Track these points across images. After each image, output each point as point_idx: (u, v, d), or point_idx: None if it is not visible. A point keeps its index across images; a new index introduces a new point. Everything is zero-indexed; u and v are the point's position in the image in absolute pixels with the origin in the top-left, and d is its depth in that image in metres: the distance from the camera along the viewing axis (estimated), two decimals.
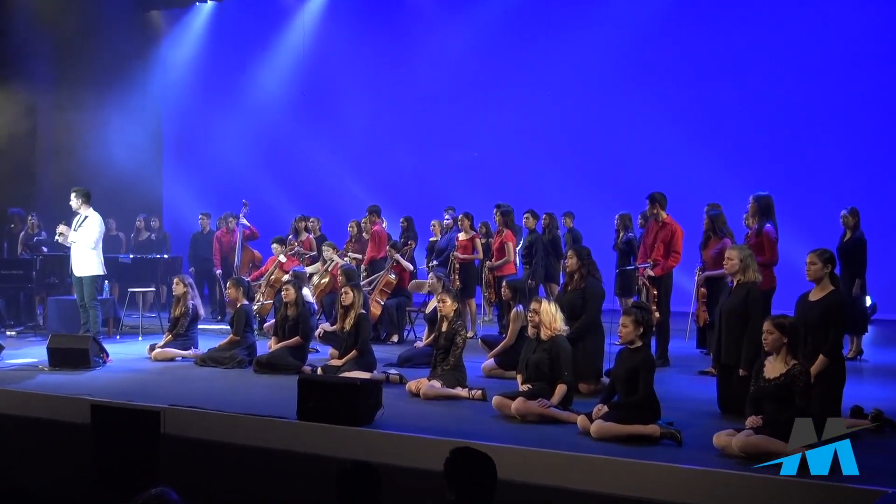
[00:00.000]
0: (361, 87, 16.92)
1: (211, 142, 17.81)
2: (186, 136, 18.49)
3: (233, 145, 17.46)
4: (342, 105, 17.06)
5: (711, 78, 14.47)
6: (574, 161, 15.28)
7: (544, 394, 6.63)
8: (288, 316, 9.12)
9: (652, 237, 9.15)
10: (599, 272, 8.01)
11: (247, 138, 17.44)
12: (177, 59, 18.07)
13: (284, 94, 17.34)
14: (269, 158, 17.50)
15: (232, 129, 17.48)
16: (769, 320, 5.67)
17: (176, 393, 7.55)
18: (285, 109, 17.37)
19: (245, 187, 16.02)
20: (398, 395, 7.48)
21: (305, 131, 17.33)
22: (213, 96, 17.84)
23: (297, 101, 17.36)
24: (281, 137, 17.45)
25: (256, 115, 17.37)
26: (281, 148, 17.49)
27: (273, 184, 17.08)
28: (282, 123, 17.40)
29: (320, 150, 17.10)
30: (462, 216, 11.63)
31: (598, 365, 7.80)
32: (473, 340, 10.32)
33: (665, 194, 9.21)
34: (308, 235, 12.77)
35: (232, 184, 16.87)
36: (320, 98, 17.31)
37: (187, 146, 18.48)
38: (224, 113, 17.62)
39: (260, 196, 16.01)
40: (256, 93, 17.45)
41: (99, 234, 10.22)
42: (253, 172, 17.16)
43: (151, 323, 12.38)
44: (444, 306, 7.76)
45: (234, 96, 17.61)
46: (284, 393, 7.36)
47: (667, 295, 9.03)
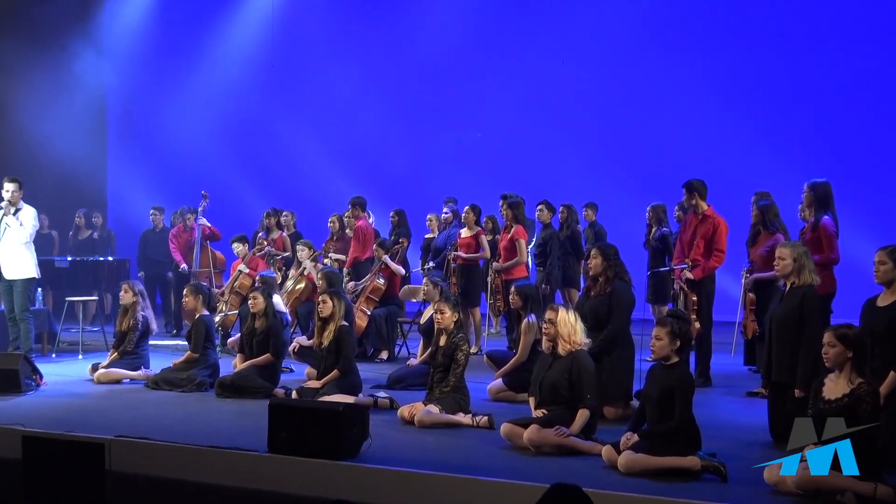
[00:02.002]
0: (343, 56, 16.92)
1: (164, 122, 17.79)
2: (135, 114, 18.48)
3: (190, 126, 17.43)
4: (320, 77, 17.06)
5: (760, 45, 14.48)
6: (597, 143, 15.28)
7: (562, 420, 6.62)
8: (256, 329, 9.10)
9: (690, 233, 9.14)
10: (628, 274, 8.00)
11: (207, 118, 17.43)
12: (124, 22, 18.01)
13: (252, 65, 17.34)
14: (233, 142, 17.50)
15: (189, 107, 17.46)
16: (830, 331, 5.66)
17: (123, 422, 7.51)
18: (253, 83, 17.38)
19: (205, 176, 16.00)
20: (388, 423, 7.46)
21: (276, 109, 17.32)
22: (166, 67, 17.83)
23: (267, 74, 17.36)
24: (248, 117, 17.44)
25: (219, 91, 17.36)
26: (248, 129, 17.49)
27: (239, 172, 17.08)
28: (249, 100, 17.40)
29: (294, 132, 17.09)
30: (467, 209, 11.63)
31: (626, 385, 7.79)
32: (478, 357, 10.29)
33: (705, 182, 9.21)
34: (281, 233, 12.74)
35: (189, 172, 16.85)
36: (294, 69, 17.31)
37: (136, 127, 18.48)
38: (180, 87, 17.60)
39: (223, 187, 15.99)
40: (218, 63, 17.44)
41: (34, 230, 10.22)
42: (215, 158, 17.16)
43: (94, 338, 12.32)
44: (442, 317, 7.75)
45: (192, 68, 17.59)
46: (252, 421, 7.33)
47: (708, 302, 9.02)
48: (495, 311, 11.69)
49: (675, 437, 5.95)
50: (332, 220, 12.34)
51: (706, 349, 9.11)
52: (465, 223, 11.64)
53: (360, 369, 8.76)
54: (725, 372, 9.67)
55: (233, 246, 11.88)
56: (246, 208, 15.69)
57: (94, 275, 12.82)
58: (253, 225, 13.41)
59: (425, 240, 12.88)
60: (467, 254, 11.44)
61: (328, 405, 6.76)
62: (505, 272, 11.09)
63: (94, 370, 9.63)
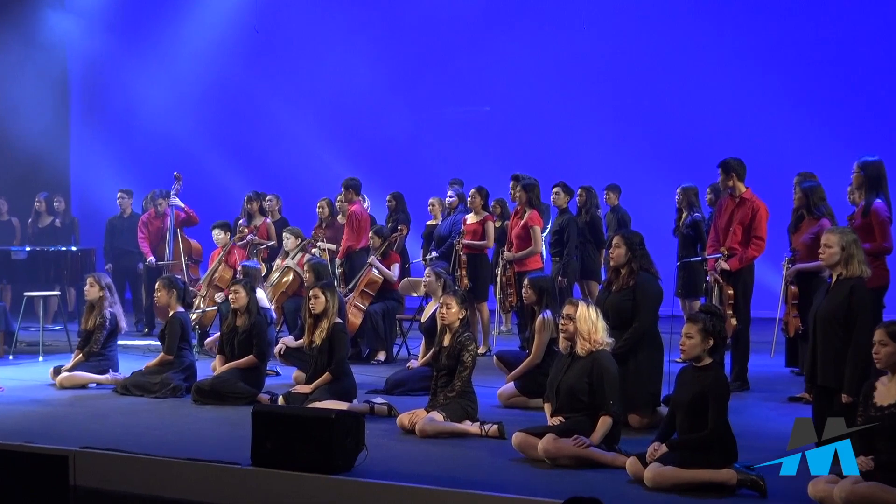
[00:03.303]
0: (335, 20, 16.91)
1: (133, 96, 17.80)
2: (101, 88, 18.49)
3: (163, 101, 17.44)
4: (310, 44, 17.05)
5: (804, 8, 14.44)
6: (620, 117, 15.27)
7: (582, 429, 6.63)
8: (237, 327, 9.12)
9: (726, 218, 9.13)
10: (655, 265, 8.00)
11: (182, 92, 17.43)
12: None
13: (233, 28, 17.31)
14: (211, 118, 17.50)
15: (162, 80, 17.46)
16: (881, 328, 5.67)
17: (90, 431, 7.54)
18: (233, 53, 17.36)
19: (180, 156, 16.04)
20: (386, 432, 7.49)
21: (261, 79, 17.31)
22: (136, 35, 17.82)
23: (249, 42, 17.33)
24: (228, 87, 17.44)
25: (194, 61, 17.34)
26: (228, 102, 17.49)
27: (217, 151, 17.09)
28: (229, 69, 17.38)
29: (281, 105, 17.09)
30: (473, 192, 11.62)
31: (653, 389, 7.80)
32: (487, 358, 10.30)
33: (743, 161, 9.19)
34: (264, 219, 12.75)
35: (162, 151, 16.89)
36: (281, 35, 17.29)
37: (102, 102, 18.49)
38: (151, 57, 17.60)
39: (200, 167, 16.02)
40: (194, 31, 17.41)
41: None
42: (190, 135, 17.17)
43: (56, 338, 12.37)
44: (447, 313, 7.77)
45: (165, 35, 17.58)
46: (234, 430, 7.36)
47: (746, 295, 9.02)
48: (506, 307, 11.69)
49: (709, 448, 5.96)
50: (322, 205, 12.34)
51: (743, 349, 9.11)
52: (472, 208, 11.64)
53: (355, 372, 8.77)
54: (765, 374, 9.67)
55: (213, 233, 11.87)
56: (225, 192, 15.71)
57: (55, 267, 12.83)
58: (234, 211, 13.42)
59: (427, 227, 12.87)
60: (472, 242, 11.41)
61: (319, 412, 6.78)
62: (517, 263, 11.07)
63: (57, 374, 9.65)
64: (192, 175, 14.10)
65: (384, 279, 11.22)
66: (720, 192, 9.87)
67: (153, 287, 10.43)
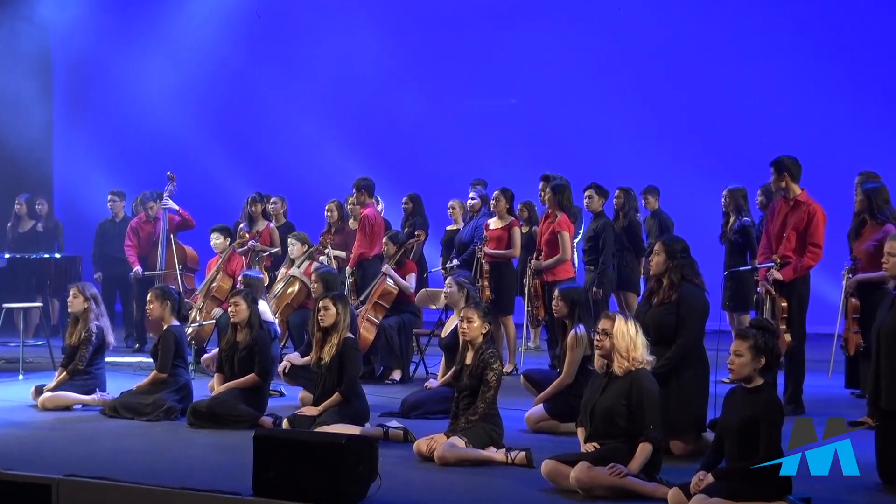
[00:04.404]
0: (345, 5, 16.93)
1: (124, 87, 17.87)
2: (88, 80, 18.56)
3: (156, 93, 17.51)
4: (317, 31, 17.08)
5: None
6: (660, 111, 15.25)
7: (619, 456, 6.61)
8: (238, 343, 9.12)
9: (779, 223, 9.10)
10: (700, 276, 7.97)
11: (177, 83, 17.49)
12: None
13: (231, 16, 17.36)
14: (209, 112, 17.56)
15: (155, 69, 17.51)
16: None
17: (75, 457, 7.54)
18: (233, 40, 17.40)
19: (175, 154, 16.08)
20: (402, 459, 7.49)
21: (263, 70, 17.36)
22: (127, 20, 17.89)
23: (251, 28, 17.38)
24: (227, 80, 17.50)
25: (191, 49, 17.41)
26: (227, 96, 17.55)
27: (216, 148, 17.15)
28: (228, 60, 17.44)
29: (285, 98, 17.13)
30: (498, 194, 11.62)
31: (698, 413, 7.78)
32: (513, 377, 10.30)
33: (798, 159, 9.16)
34: (268, 224, 12.77)
35: (155, 149, 16.94)
36: (284, 23, 17.33)
37: (89, 96, 18.55)
38: (143, 45, 17.65)
39: (196, 167, 16.07)
40: (190, 15, 17.48)
41: None
42: (186, 132, 17.24)
43: (37, 354, 12.40)
44: (469, 327, 7.76)
45: (158, 21, 17.64)
46: (234, 456, 7.35)
47: (801, 309, 8.98)
48: (534, 321, 11.69)
49: (760, 479, 5.93)
50: (331, 208, 12.35)
51: (798, 368, 9.07)
52: (496, 212, 11.64)
53: (368, 393, 8.77)
54: (822, 396, 9.63)
55: (211, 238, 11.89)
56: (225, 193, 15.77)
57: (37, 276, 12.88)
58: (234, 214, 13.44)
59: (447, 232, 12.89)
60: (496, 250, 11.42)
61: (327, 437, 6.77)
62: (546, 272, 11.08)
63: (38, 394, 9.66)
64: (189, 175, 14.13)
65: (399, 290, 11.22)
66: (772, 193, 9.84)
67: (145, 298, 10.39)
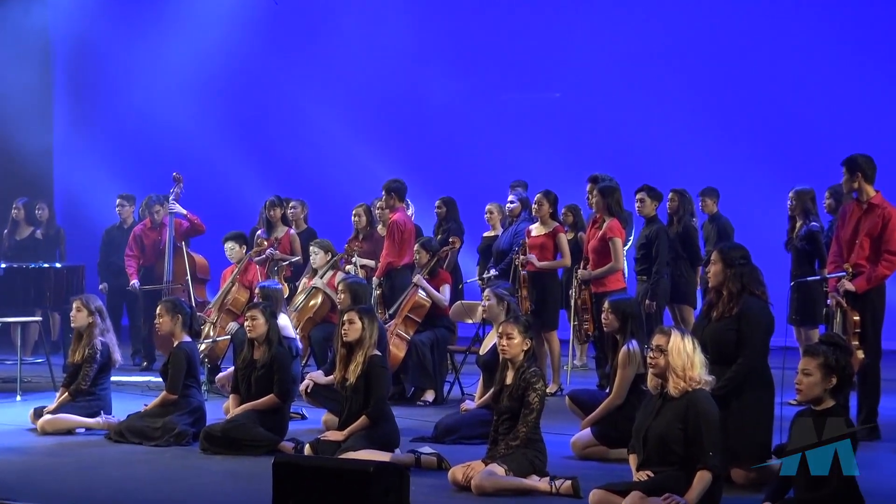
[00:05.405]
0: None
1: (129, 84, 17.96)
2: (91, 75, 18.66)
3: (164, 88, 17.61)
4: (339, 20, 17.13)
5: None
6: (718, 106, 15.21)
7: (674, 485, 6.60)
8: (255, 361, 9.15)
9: (851, 229, 9.06)
10: (764, 286, 7.94)
11: (187, 76, 17.59)
12: None
13: (245, 4, 17.44)
14: (222, 108, 17.64)
15: (163, 62, 17.63)
16: None
17: (78, 486, 7.58)
18: (247, 29, 17.48)
19: (184, 154, 16.14)
20: (436, 489, 7.49)
21: (280, 64, 17.43)
22: (132, 9, 18.00)
23: (268, 19, 17.45)
24: (241, 74, 17.58)
25: (201, 40, 17.47)
26: (241, 91, 17.63)
27: (230, 148, 17.21)
28: (242, 52, 17.53)
29: (305, 94, 17.19)
30: (540, 197, 11.61)
31: (761, 438, 7.74)
32: (558, 399, 10.28)
33: (872, 158, 9.10)
34: (287, 230, 12.81)
35: (164, 149, 17.00)
36: (304, 10, 17.39)
37: (92, 92, 18.66)
38: (150, 36, 17.76)
39: (208, 168, 16.14)
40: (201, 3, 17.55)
41: None
42: (197, 130, 17.31)
43: (36, 373, 12.47)
44: (508, 344, 7.75)
45: (166, 9, 17.73)
46: (250, 485, 7.38)
47: (875, 323, 8.94)
48: (581, 337, 11.68)
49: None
50: (358, 213, 12.38)
51: (872, 388, 9.03)
52: (537, 216, 11.63)
53: (398, 415, 8.77)
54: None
55: (225, 246, 11.91)
56: (240, 197, 15.84)
57: (36, 287, 12.94)
58: (250, 220, 13.48)
59: (484, 239, 12.89)
60: (540, 259, 11.40)
61: (354, 464, 6.79)
62: (594, 283, 11.07)
63: (38, 416, 9.70)
64: (200, 176, 14.19)
65: (432, 303, 11.23)
66: (842, 196, 9.79)
67: (153, 312, 10.38)
